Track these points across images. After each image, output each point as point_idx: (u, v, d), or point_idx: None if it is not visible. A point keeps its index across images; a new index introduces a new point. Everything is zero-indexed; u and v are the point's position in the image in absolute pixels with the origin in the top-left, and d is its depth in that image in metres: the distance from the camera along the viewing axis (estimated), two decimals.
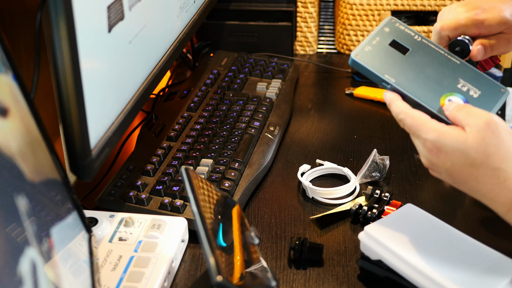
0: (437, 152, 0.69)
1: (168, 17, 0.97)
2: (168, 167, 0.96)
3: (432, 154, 0.70)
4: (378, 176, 0.98)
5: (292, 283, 0.81)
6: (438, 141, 0.69)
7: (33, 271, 0.57)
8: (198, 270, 0.83)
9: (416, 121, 0.71)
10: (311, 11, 1.43)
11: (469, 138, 0.68)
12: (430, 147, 0.70)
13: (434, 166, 0.71)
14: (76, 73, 0.66)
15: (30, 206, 0.59)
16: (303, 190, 0.97)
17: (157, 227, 0.83)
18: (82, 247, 0.70)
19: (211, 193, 0.74)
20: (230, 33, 1.40)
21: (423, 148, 0.71)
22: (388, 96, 0.75)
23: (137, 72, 0.85)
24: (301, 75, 1.36)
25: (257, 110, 1.12)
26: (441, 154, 0.69)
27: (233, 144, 1.02)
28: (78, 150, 0.70)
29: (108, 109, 0.76)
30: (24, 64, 0.94)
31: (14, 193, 0.57)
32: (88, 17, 0.67)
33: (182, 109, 1.12)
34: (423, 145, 0.71)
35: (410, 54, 0.77)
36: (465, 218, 0.92)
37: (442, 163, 0.70)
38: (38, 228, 0.60)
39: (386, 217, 0.83)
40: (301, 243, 0.83)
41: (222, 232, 0.71)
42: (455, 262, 0.75)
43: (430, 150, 0.70)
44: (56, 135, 0.98)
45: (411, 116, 0.72)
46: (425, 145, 0.70)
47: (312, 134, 1.14)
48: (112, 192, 0.92)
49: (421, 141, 0.71)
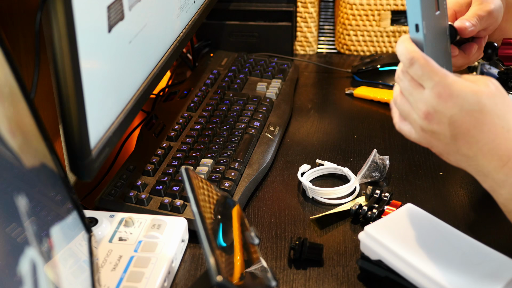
0: (448, 96, 0.68)
1: (168, 17, 0.97)
2: (168, 167, 0.96)
3: (440, 98, 0.68)
4: (378, 176, 0.98)
5: (292, 283, 0.81)
6: (453, 84, 0.68)
7: (33, 271, 0.57)
8: (198, 270, 0.83)
9: (430, 65, 0.69)
10: (311, 11, 1.43)
11: (481, 86, 0.68)
12: (441, 91, 0.68)
13: (437, 113, 0.68)
14: (76, 73, 0.66)
15: (30, 206, 0.59)
16: (303, 190, 0.97)
17: (157, 227, 0.83)
18: (82, 247, 0.70)
19: (211, 193, 0.74)
20: (230, 33, 1.40)
21: (427, 93, 0.69)
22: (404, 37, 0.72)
23: (137, 72, 0.85)
24: (301, 75, 1.36)
25: (257, 110, 1.12)
26: (451, 99, 0.67)
27: (233, 144, 1.02)
28: (78, 150, 0.70)
29: (108, 109, 0.76)
30: (24, 64, 0.93)
31: (14, 193, 0.57)
32: (88, 17, 0.67)
33: (182, 109, 1.12)
34: (430, 90, 0.68)
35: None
36: (465, 218, 0.92)
37: (449, 109, 0.68)
38: (38, 228, 0.60)
39: (386, 217, 0.83)
40: (301, 243, 0.83)
41: (222, 232, 0.71)
42: (455, 262, 0.75)
43: (440, 94, 0.68)
44: (56, 135, 0.98)
45: (425, 60, 0.69)
46: (433, 89, 0.68)
47: (312, 134, 1.14)
48: (112, 192, 0.92)
49: (429, 85, 0.68)
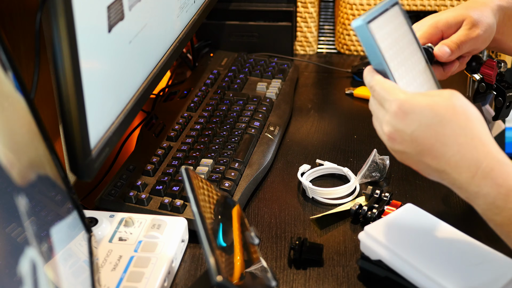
0: (404, 114, 0.68)
1: (168, 17, 0.97)
2: (168, 167, 0.96)
3: (397, 117, 0.68)
4: (378, 176, 0.98)
5: (292, 283, 0.81)
6: (406, 101, 0.68)
7: (33, 271, 0.57)
8: (198, 270, 0.83)
9: (386, 87, 0.71)
10: (311, 11, 1.43)
11: (436, 98, 0.68)
12: (396, 109, 0.68)
13: (398, 132, 0.69)
14: (76, 73, 0.66)
15: (30, 206, 0.59)
16: (303, 190, 0.97)
17: (157, 227, 0.83)
18: (82, 247, 0.70)
19: (211, 193, 0.74)
20: (230, 33, 1.40)
21: (387, 114, 0.70)
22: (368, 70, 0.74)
23: (137, 72, 0.85)
24: (301, 75, 1.36)
25: (257, 110, 1.12)
26: (408, 116, 0.68)
27: (233, 144, 1.02)
28: (78, 150, 0.70)
29: (108, 109, 0.76)
30: (24, 64, 0.94)
31: (14, 193, 0.57)
32: (88, 17, 0.67)
33: (182, 109, 1.12)
34: (387, 110, 0.70)
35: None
36: (465, 218, 0.92)
37: (408, 126, 0.68)
38: (38, 228, 0.60)
39: (386, 217, 0.83)
40: (301, 243, 0.83)
41: (222, 232, 0.71)
42: (455, 262, 0.75)
43: (396, 113, 0.68)
44: (56, 135, 0.98)
45: (382, 83, 0.71)
46: (390, 109, 0.69)
47: (312, 134, 1.14)
48: (112, 192, 0.92)
49: (387, 106, 0.70)
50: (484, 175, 0.66)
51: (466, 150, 0.66)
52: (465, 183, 0.67)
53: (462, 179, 0.67)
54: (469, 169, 0.66)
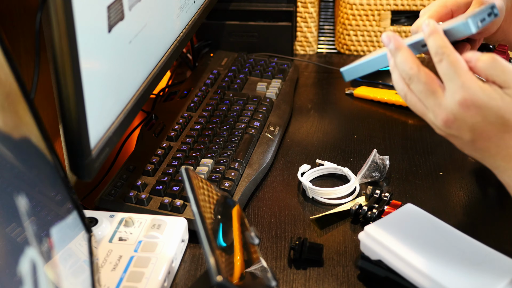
0: (471, 105, 0.67)
1: (168, 17, 0.97)
2: (168, 167, 0.96)
3: (461, 106, 0.67)
4: (378, 176, 0.98)
5: (292, 283, 0.81)
6: (475, 93, 0.67)
7: (33, 271, 0.57)
8: (198, 270, 0.83)
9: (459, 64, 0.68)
10: (311, 11, 1.43)
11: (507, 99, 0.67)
12: (462, 99, 0.67)
13: (458, 121, 0.68)
14: (76, 73, 0.66)
15: (30, 206, 0.59)
16: (303, 190, 0.97)
17: (157, 227, 0.83)
18: (82, 247, 0.70)
19: (211, 193, 0.74)
20: (230, 33, 1.40)
21: (451, 100, 0.68)
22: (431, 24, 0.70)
23: (137, 72, 0.85)
24: (301, 75, 1.36)
25: (257, 110, 1.12)
26: (473, 108, 0.67)
27: (233, 144, 1.02)
28: (78, 150, 0.70)
29: (108, 109, 0.76)
30: (24, 64, 0.94)
31: (14, 193, 0.57)
32: (88, 17, 0.67)
33: (182, 109, 1.12)
34: (453, 95, 0.68)
35: None
36: (465, 218, 0.92)
37: (470, 118, 0.67)
38: (38, 228, 0.60)
39: (386, 217, 0.83)
40: (301, 243, 0.83)
41: (222, 232, 0.71)
42: (455, 262, 0.75)
43: (462, 103, 0.67)
44: (56, 135, 0.98)
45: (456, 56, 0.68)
46: (455, 95, 0.67)
47: (312, 134, 1.14)
48: (112, 192, 0.92)
49: (451, 88, 0.68)
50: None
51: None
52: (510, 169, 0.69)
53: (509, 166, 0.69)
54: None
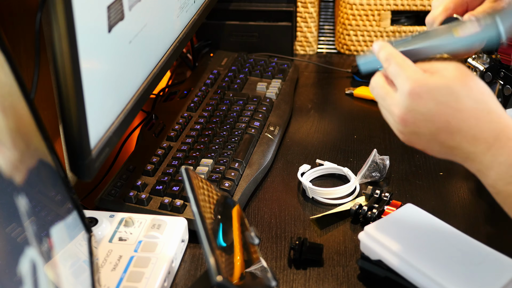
0: (419, 92, 0.68)
1: (168, 17, 0.97)
2: (168, 167, 0.96)
3: (411, 96, 0.68)
4: (378, 176, 0.98)
5: (292, 283, 0.81)
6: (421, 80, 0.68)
7: (33, 271, 0.57)
8: (198, 270, 0.83)
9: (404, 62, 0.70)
10: (311, 11, 1.43)
11: (449, 75, 0.68)
12: (410, 89, 0.68)
13: (411, 112, 0.68)
14: (76, 73, 0.66)
15: (30, 206, 0.59)
16: (303, 190, 0.97)
17: (157, 227, 0.83)
18: (82, 247, 0.70)
19: (211, 193, 0.74)
20: (230, 33, 1.40)
21: (401, 95, 0.69)
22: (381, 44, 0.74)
23: (137, 72, 0.85)
24: (301, 75, 1.36)
25: (257, 110, 1.12)
26: (423, 95, 0.67)
27: (233, 144, 1.02)
28: (78, 150, 0.70)
29: (108, 109, 0.76)
30: (24, 64, 0.94)
31: (14, 193, 0.57)
32: (88, 17, 0.67)
33: (182, 109, 1.12)
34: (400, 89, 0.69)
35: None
36: (465, 218, 0.92)
37: (423, 105, 0.67)
38: (38, 228, 0.60)
39: (386, 217, 0.83)
40: (301, 243, 0.83)
41: (222, 232, 0.71)
42: (455, 262, 0.75)
43: (409, 93, 0.68)
44: (56, 135, 0.98)
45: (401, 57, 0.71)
46: (403, 88, 0.68)
47: (312, 134, 1.14)
48: (112, 192, 0.92)
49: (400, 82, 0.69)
50: (502, 144, 0.66)
51: (484, 123, 0.67)
52: (480, 154, 0.68)
53: (478, 151, 0.67)
54: (487, 140, 0.67)
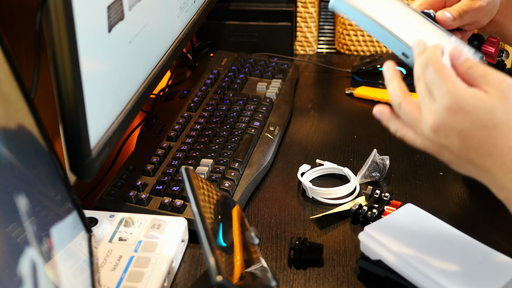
0: (458, 110, 0.65)
1: (168, 17, 0.97)
2: (168, 167, 0.96)
3: (449, 112, 0.65)
4: (378, 176, 0.98)
5: (292, 283, 0.81)
6: (463, 97, 0.65)
7: (33, 271, 0.57)
8: (198, 270, 0.83)
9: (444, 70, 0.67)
10: (311, 11, 1.43)
11: (494, 98, 0.65)
12: (449, 104, 0.65)
13: (446, 126, 0.66)
14: (76, 73, 0.66)
15: (30, 206, 0.59)
16: (303, 190, 0.97)
17: (157, 227, 0.83)
18: (82, 247, 0.70)
19: (211, 193, 0.74)
20: (230, 33, 1.40)
21: (436, 103, 0.66)
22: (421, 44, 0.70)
23: (137, 72, 0.85)
24: (301, 75, 1.36)
25: (257, 110, 1.12)
26: (461, 113, 0.65)
27: (233, 144, 1.02)
28: (78, 150, 0.70)
29: (108, 109, 0.76)
30: (24, 64, 0.94)
31: (14, 193, 0.57)
32: (88, 17, 0.67)
33: (182, 109, 1.12)
34: (438, 99, 0.66)
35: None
36: (465, 218, 0.92)
37: (459, 123, 0.65)
38: (38, 228, 0.60)
39: (386, 217, 0.83)
40: (301, 243, 0.83)
41: (222, 232, 0.71)
42: (455, 262, 0.75)
43: (449, 107, 0.65)
44: (56, 135, 0.98)
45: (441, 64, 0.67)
46: (442, 100, 0.65)
47: (312, 134, 1.14)
48: (112, 192, 0.92)
49: (438, 94, 0.66)
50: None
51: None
52: (509, 182, 0.66)
53: (507, 179, 0.66)
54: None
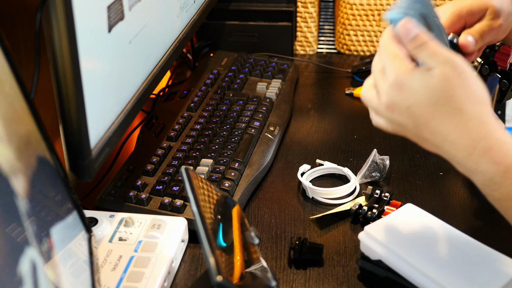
0: (400, 88, 0.68)
1: (168, 17, 0.97)
2: (168, 167, 0.96)
3: (394, 90, 0.68)
4: (378, 176, 0.98)
5: (292, 283, 0.81)
6: (404, 74, 0.67)
7: (33, 271, 0.57)
8: (198, 270, 0.83)
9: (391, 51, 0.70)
10: (311, 11, 1.43)
11: (436, 77, 0.67)
12: (393, 81, 0.68)
13: (395, 105, 0.68)
14: (76, 73, 0.66)
15: (30, 206, 0.59)
16: (303, 190, 0.97)
17: (157, 227, 0.83)
18: (82, 247, 0.70)
19: (211, 193, 0.74)
20: (230, 33, 1.40)
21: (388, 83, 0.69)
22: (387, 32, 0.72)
23: (137, 72, 0.85)
24: (301, 75, 1.36)
25: (257, 110, 1.12)
26: (404, 91, 0.67)
27: (233, 144, 1.02)
28: (78, 150, 0.70)
29: (108, 109, 0.76)
30: (24, 64, 0.93)
31: (14, 193, 0.57)
32: (88, 17, 0.67)
33: (182, 109, 1.12)
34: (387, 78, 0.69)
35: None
36: (465, 218, 0.92)
37: (404, 100, 0.67)
38: (38, 228, 0.60)
39: (386, 217, 0.83)
40: (301, 243, 0.83)
41: (222, 232, 0.71)
42: (455, 262, 0.75)
43: (393, 84, 0.68)
44: (56, 135, 0.98)
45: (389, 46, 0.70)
46: (389, 77, 0.69)
47: (312, 134, 1.14)
48: (112, 192, 0.92)
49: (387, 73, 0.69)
50: (482, 153, 0.66)
51: (462, 131, 0.66)
52: (462, 159, 0.67)
53: (459, 156, 0.67)
54: (466, 147, 0.66)
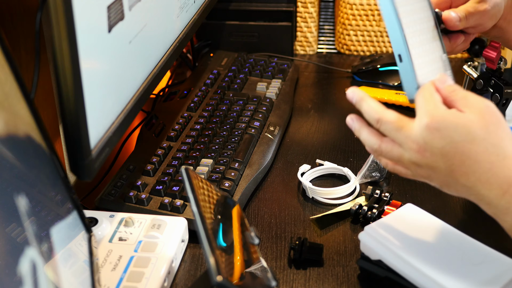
0: (436, 128, 0.67)
1: (168, 17, 0.97)
2: (168, 167, 0.96)
3: (427, 130, 0.67)
4: (378, 176, 0.98)
5: (292, 283, 0.81)
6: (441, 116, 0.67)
7: (33, 271, 0.57)
8: (198, 270, 0.83)
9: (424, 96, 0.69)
10: (311, 11, 1.43)
11: (470, 116, 0.67)
12: (428, 123, 0.67)
13: (428, 145, 0.67)
14: (76, 73, 0.66)
15: (30, 206, 0.59)
16: (303, 190, 0.97)
17: (157, 227, 0.83)
18: (82, 247, 0.70)
19: (211, 193, 0.74)
20: (230, 33, 1.40)
21: (418, 125, 0.68)
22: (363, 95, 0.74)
23: (137, 72, 0.85)
24: (301, 75, 1.36)
25: (257, 110, 1.12)
26: (440, 131, 0.67)
27: (233, 144, 1.02)
28: (78, 150, 0.70)
29: (108, 109, 0.76)
30: (24, 64, 0.94)
31: (14, 193, 0.57)
32: (88, 17, 0.67)
33: (182, 109, 1.12)
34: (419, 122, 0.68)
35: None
36: (465, 218, 0.92)
37: (438, 141, 0.67)
38: (38, 228, 0.60)
39: (386, 217, 0.83)
40: (301, 243, 0.83)
41: (222, 232, 0.71)
42: (455, 262, 0.75)
43: (427, 126, 0.67)
44: (56, 135, 0.98)
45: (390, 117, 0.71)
46: (422, 120, 0.67)
47: (312, 134, 1.14)
48: (112, 192, 0.92)
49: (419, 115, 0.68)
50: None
51: (498, 168, 0.66)
52: (494, 199, 0.67)
53: (492, 195, 0.67)
54: (501, 186, 0.66)
